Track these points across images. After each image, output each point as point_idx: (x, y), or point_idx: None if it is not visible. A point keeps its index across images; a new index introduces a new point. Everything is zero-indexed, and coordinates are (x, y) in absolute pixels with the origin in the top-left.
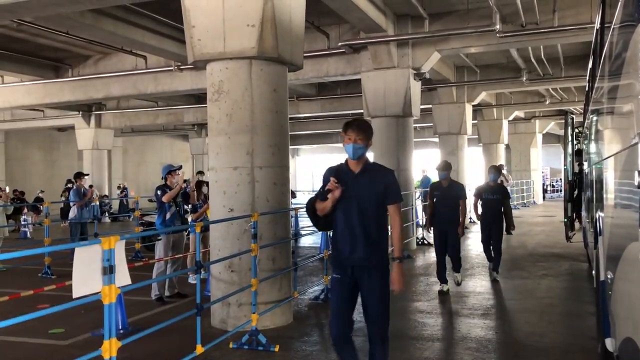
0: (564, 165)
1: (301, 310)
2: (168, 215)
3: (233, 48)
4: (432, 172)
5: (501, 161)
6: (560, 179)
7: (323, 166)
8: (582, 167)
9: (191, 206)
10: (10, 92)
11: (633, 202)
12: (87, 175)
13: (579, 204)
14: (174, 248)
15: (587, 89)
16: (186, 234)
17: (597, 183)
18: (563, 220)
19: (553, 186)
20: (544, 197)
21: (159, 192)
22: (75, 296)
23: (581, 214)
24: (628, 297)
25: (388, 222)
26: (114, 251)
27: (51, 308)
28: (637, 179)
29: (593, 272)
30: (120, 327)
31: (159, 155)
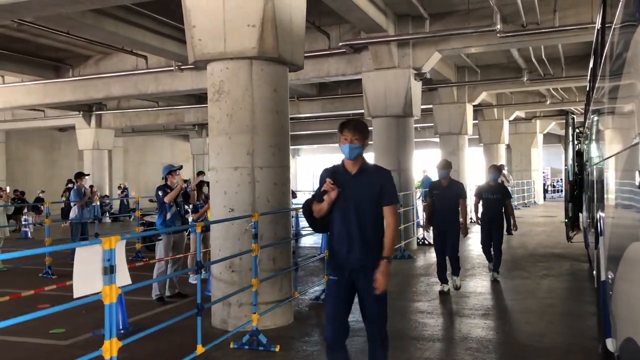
0: (565, 165)
1: (302, 310)
2: (169, 215)
3: (233, 48)
4: (433, 172)
5: (502, 161)
6: (560, 179)
7: (324, 166)
8: (582, 168)
9: (192, 206)
10: (10, 92)
11: (634, 202)
12: (88, 175)
13: (579, 205)
14: (175, 248)
15: (588, 89)
16: (187, 234)
17: (598, 183)
18: (564, 220)
19: (554, 186)
20: (545, 197)
21: (160, 193)
22: (76, 296)
23: (579, 216)
24: (629, 297)
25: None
26: (115, 251)
27: (52, 308)
28: (638, 179)
29: (594, 272)
30: (120, 327)
31: (160, 155)
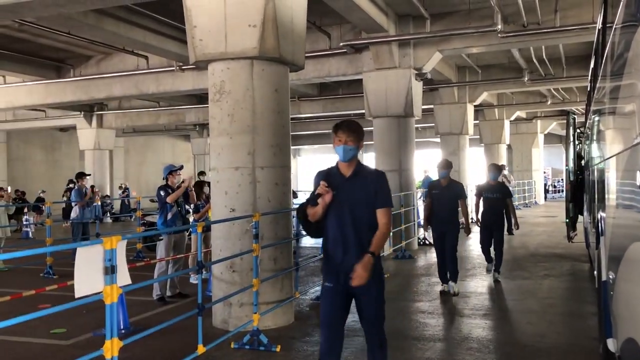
0: (566, 165)
1: (303, 310)
2: (169, 215)
3: (234, 48)
4: (434, 173)
5: (503, 161)
6: (561, 179)
7: (324, 166)
8: (582, 168)
9: (193, 206)
10: (12, 93)
11: (635, 202)
12: (89, 175)
13: (580, 205)
14: (176, 248)
15: (589, 89)
16: (187, 234)
17: (599, 183)
18: (565, 220)
19: (555, 186)
20: (546, 198)
21: (162, 193)
22: (77, 296)
23: (579, 216)
24: (630, 298)
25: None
26: (116, 251)
27: (53, 308)
28: (639, 179)
29: (595, 273)
30: (121, 327)
31: (161, 155)
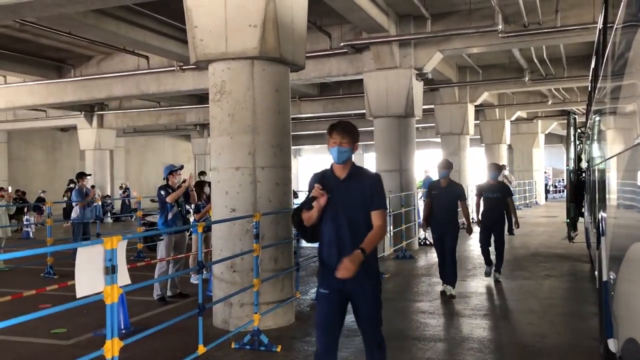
0: (567, 165)
1: (303, 310)
2: (170, 215)
3: (235, 48)
4: (435, 173)
5: (503, 161)
6: (562, 179)
7: (324, 167)
8: (581, 169)
9: (194, 206)
10: (13, 93)
11: (636, 203)
12: (90, 175)
13: (580, 205)
14: (176, 248)
15: (590, 89)
16: (188, 234)
17: (600, 183)
18: (565, 220)
19: (555, 186)
20: (547, 198)
21: (162, 193)
22: (78, 296)
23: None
24: (631, 298)
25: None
26: (116, 251)
27: (53, 308)
28: None
29: (595, 273)
30: (122, 327)
31: (161, 155)
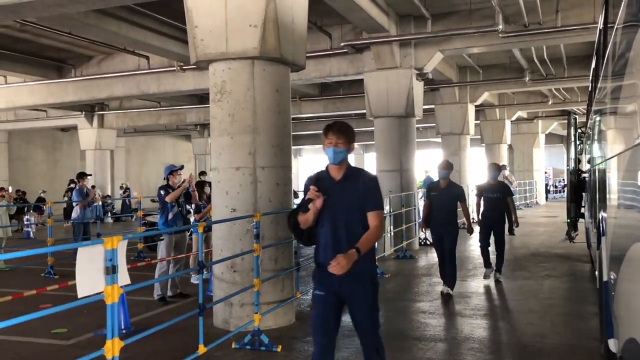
0: (567, 165)
1: (304, 310)
2: (170, 215)
3: (235, 48)
4: (435, 172)
5: (504, 161)
6: (563, 179)
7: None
8: (583, 170)
9: (195, 206)
10: (13, 93)
11: (636, 203)
12: (90, 175)
13: (579, 205)
14: (177, 248)
15: (590, 89)
16: (188, 234)
17: (600, 183)
18: (566, 220)
19: (556, 186)
20: (547, 198)
21: (162, 192)
22: (80, 296)
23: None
24: (631, 298)
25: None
26: (117, 251)
27: (54, 308)
28: None
29: (596, 273)
30: (122, 327)
31: (162, 155)
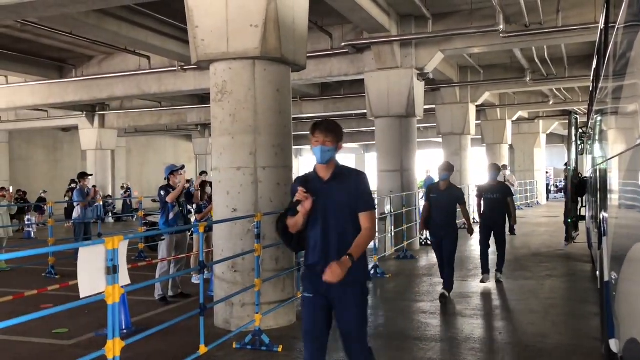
0: (568, 165)
1: None
2: (171, 215)
3: (236, 48)
4: (436, 173)
5: (505, 161)
6: (562, 180)
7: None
8: (584, 169)
9: (196, 206)
10: (14, 93)
11: (637, 203)
12: (91, 175)
13: (576, 208)
14: (177, 248)
15: (591, 89)
16: (189, 234)
17: (602, 183)
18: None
19: (557, 186)
20: (548, 198)
21: (163, 193)
22: (82, 296)
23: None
24: (632, 298)
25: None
26: (118, 251)
27: (55, 308)
28: None
29: (597, 273)
30: (123, 327)
31: (163, 155)
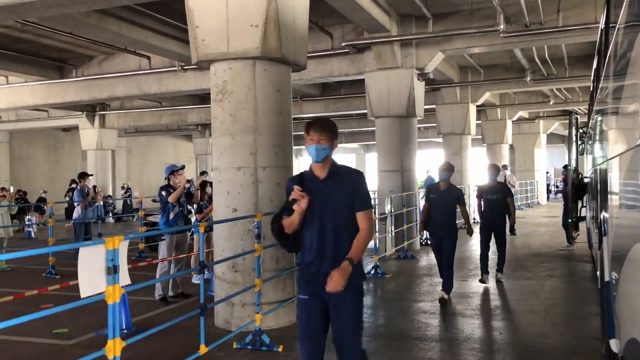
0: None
1: None
2: (171, 215)
3: (237, 48)
4: (436, 172)
5: (505, 161)
6: (562, 180)
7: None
8: (585, 169)
9: (196, 206)
10: (14, 93)
11: (638, 203)
12: (91, 175)
13: (576, 208)
14: (178, 248)
15: (592, 89)
16: (190, 234)
17: (602, 183)
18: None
19: (557, 186)
20: (548, 198)
21: (163, 193)
22: (83, 296)
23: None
24: (633, 298)
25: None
26: (118, 251)
27: (55, 308)
28: None
29: (597, 273)
30: (124, 327)
31: (163, 155)
